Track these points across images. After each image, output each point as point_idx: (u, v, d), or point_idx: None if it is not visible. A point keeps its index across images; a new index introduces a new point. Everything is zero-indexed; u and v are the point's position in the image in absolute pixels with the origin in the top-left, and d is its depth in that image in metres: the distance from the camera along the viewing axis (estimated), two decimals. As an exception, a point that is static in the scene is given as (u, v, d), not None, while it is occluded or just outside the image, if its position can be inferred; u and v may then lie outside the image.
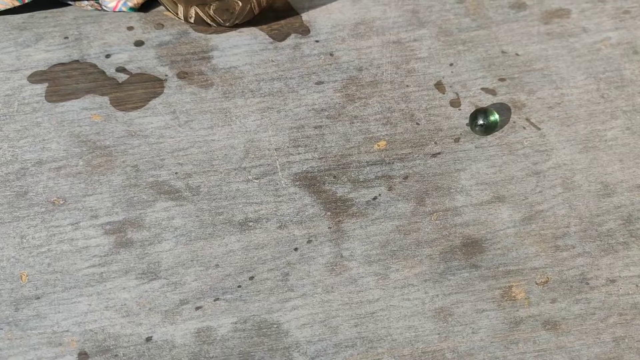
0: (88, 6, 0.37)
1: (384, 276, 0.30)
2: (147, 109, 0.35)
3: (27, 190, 0.32)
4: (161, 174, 0.33)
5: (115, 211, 0.31)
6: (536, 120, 0.37)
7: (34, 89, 0.35)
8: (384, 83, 0.37)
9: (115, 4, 0.37)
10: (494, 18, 0.41)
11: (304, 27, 0.39)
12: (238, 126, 0.35)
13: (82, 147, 0.33)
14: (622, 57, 0.40)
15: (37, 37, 0.37)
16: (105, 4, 0.37)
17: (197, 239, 0.31)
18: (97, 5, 0.37)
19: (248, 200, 0.32)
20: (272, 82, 0.37)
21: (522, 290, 0.31)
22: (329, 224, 0.32)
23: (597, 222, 0.33)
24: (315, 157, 0.34)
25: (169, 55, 0.37)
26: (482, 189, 0.34)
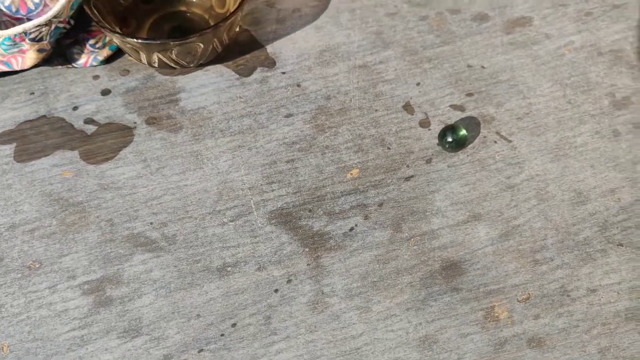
0: (58, 66, 0.37)
1: (366, 309, 0.30)
2: (118, 159, 0.34)
3: (2, 257, 0.31)
4: (136, 225, 0.32)
5: (93, 269, 0.31)
6: (506, 133, 0.36)
7: (3, 150, 0.34)
8: (353, 109, 0.37)
9: (86, 60, 0.37)
10: (457, 32, 0.41)
11: (269, 59, 0.39)
12: (210, 168, 0.34)
13: (54, 206, 0.33)
14: (586, 60, 0.40)
15: (2, 95, 0.36)
16: (75, 62, 0.37)
17: (176, 290, 0.30)
18: (68, 64, 0.37)
19: (225, 245, 0.32)
20: (241, 119, 0.36)
21: (504, 309, 0.30)
22: (308, 260, 0.31)
23: (574, 231, 0.33)
24: (290, 193, 0.34)
25: (137, 102, 0.37)
26: (457, 209, 0.33)
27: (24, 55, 0.34)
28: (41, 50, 0.34)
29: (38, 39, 0.33)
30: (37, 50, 0.34)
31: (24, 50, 0.34)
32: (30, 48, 0.33)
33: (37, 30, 0.33)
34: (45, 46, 0.34)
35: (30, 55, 0.34)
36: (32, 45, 0.33)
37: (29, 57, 0.34)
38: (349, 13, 0.41)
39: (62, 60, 0.37)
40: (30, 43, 0.33)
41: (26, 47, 0.33)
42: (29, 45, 0.33)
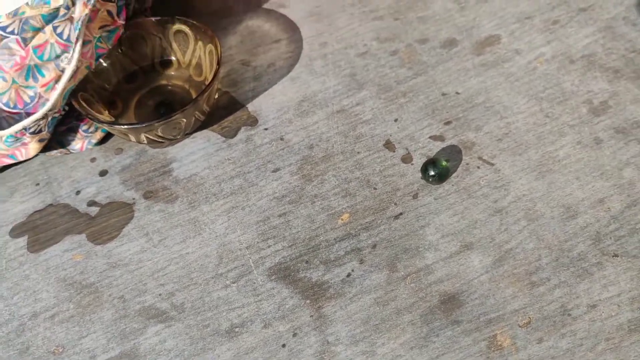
0: (57, 153, 0.39)
1: (371, 353, 0.31)
2: (122, 236, 0.36)
3: (29, 346, 0.33)
4: (146, 299, 0.34)
5: (111, 346, 0.32)
6: (488, 157, 0.37)
7: (18, 242, 0.37)
8: (336, 155, 0.38)
9: (81, 145, 0.39)
10: (428, 62, 0.41)
11: (251, 117, 0.40)
12: (208, 233, 0.36)
13: (70, 290, 0.35)
14: (559, 71, 0.40)
15: (11, 190, 0.39)
16: (72, 148, 0.39)
17: (190, 357, 0.32)
18: (65, 151, 0.39)
19: (230, 306, 0.33)
20: (232, 180, 0.38)
21: (507, 336, 0.31)
22: (310, 312, 0.32)
23: (567, 247, 0.33)
24: (285, 246, 0.35)
25: (133, 178, 0.39)
26: (449, 241, 0.34)
27: (27, 147, 0.36)
28: (42, 140, 0.36)
29: (37, 131, 0.35)
30: (38, 141, 0.36)
31: (26, 142, 0.36)
32: (31, 140, 0.36)
33: (35, 124, 0.35)
34: (45, 136, 0.37)
35: (33, 146, 0.36)
36: (33, 137, 0.36)
37: (32, 148, 0.37)
38: (321, 59, 0.42)
39: (60, 147, 0.39)
40: (31, 136, 0.35)
41: (27, 140, 0.36)
42: (30, 137, 0.36)
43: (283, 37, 0.43)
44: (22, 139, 0.35)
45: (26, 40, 0.36)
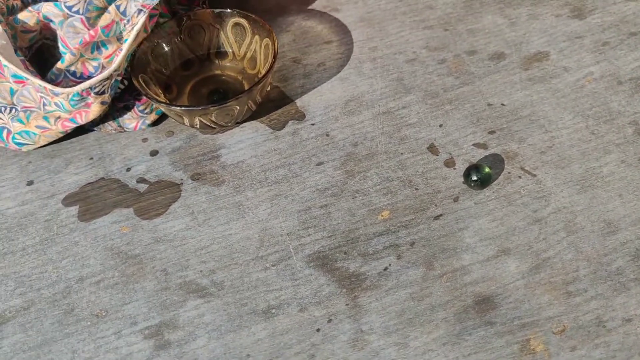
0: (112, 130, 0.42)
1: (404, 345, 0.32)
2: (169, 213, 0.39)
3: (73, 307, 0.35)
4: (188, 274, 0.36)
5: (152, 315, 0.35)
6: (530, 168, 0.38)
7: (70, 211, 0.40)
8: (380, 154, 0.40)
9: (135, 124, 0.42)
10: (475, 73, 0.43)
11: (299, 112, 0.43)
12: (251, 217, 0.38)
13: (116, 259, 0.37)
14: (607, 90, 0.41)
15: (66, 162, 0.42)
16: (126, 126, 0.42)
17: (227, 332, 0.34)
18: (120, 129, 0.42)
19: (268, 288, 0.35)
20: (276, 170, 0.40)
21: (540, 341, 0.32)
22: (346, 300, 0.34)
23: (606, 261, 0.34)
24: (325, 236, 0.37)
25: (182, 160, 0.41)
26: (486, 245, 0.35)
27: (88, 110, 0.39)
28: (103, 102, 0.39)
29: (101, 92, 0.38)
30: (100, 103, 0.39)
31: (89, 103, 0.39)
32: (94, 101, 0.38)
33: (100, 84, 0.38)
34: (107, 99, 0.39)
35: (94, 108, 0.39)
36: (96, 98, 0.38)
37: (93, 110, 0.39)
38: (370, 63, 0.45)
39: (116, 124, 0.42)
40: (95, 96, 0.38)
41: (91, 101, 0.38)
42: (94, 98, 0.38)
43: (334, 39, 0.46)
44: (86, 98, 0.38)
45: (90, 20, 0.39)
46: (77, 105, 0.38)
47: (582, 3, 0.46)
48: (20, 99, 0.39)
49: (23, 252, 0.38)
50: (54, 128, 0.39)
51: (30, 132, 0.40)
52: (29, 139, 0.40)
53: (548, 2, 0.47)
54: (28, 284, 0.36)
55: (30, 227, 0.39)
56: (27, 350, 0.34)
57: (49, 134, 0.40)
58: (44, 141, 0.41)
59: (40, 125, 0.39)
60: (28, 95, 0.39)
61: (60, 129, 0.40)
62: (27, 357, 0.34)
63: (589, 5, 0.46)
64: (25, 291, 0.36)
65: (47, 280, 0.36)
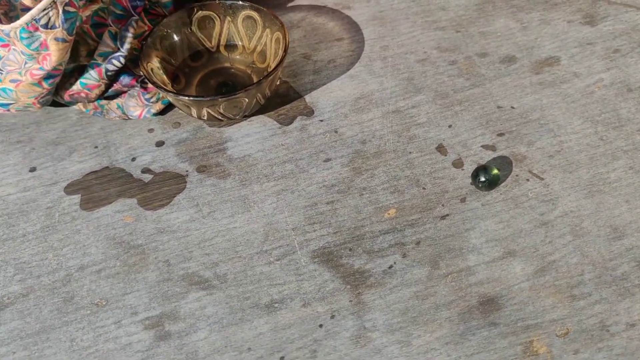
0: (116, 117, 0.44)
1: (406, 343, 0.34)
2: (173, 205, 0.40)
3: (73, 295, 0.36)
4: (190, 265, 0.37)
5: (153, 306, 0.36)
6: (538, 171, 0.40)
7: (72, 199, 0.41)
8: (388, 152, 0.41)
9: (140, 112, 0.43)
10: (486, 75, 0.45)
11: (308, 108, 0.44)
12: (256, 211, 0.39)
13: (118, 249, 0.38)
14: (616, 97, 0.43)
15: (70, 150, 0.43)
16: (131, 114, 0.43)
17: (228, 325, 0.35)
18: (124, 116, 0.44)
19: (272, 282, 0.36)
20: (283, 164, 0.41)
21: (543, 344, 0.33)
22: (350, 297, 0.35)
23: (611, 266, 0.35)
24: (330, 232, 0.38)
25: (188, 152, 0.43)
26: (492, 246, 0.37)
27: (49, 52, 0.38)
28: (59, 39, 0.38)
29: (51, 26, 0.37)
30: (55, 40, 0.38)
31: (44, 42, 0.37)
32: (47, 37, 0.37)
33: (44, 14, 0.37)
34: (62, 35, 0.38)
35: (53, 48, 0.38)
36: (48, 34, 0.37)
37: (53, 52, 0.38)
38: (381, 61, 0.46)
39: (120, 111, 0.44)
40: (45, 31, 0.37)
41: (44, 37, 0.37)
42: (45, 33, 0.37)
43: (345, 36, 0.48)
44: (37, 35, 0.37)
45: None
46: (32, 45, 0.37)
47: (594, 10, 0.48)
48: (5, 63, 0.39)
49: (23, 239, 0.39)
50: (24, 79, 0.39)
51: (6, 88, 0.40)
52: (8, 97, 0.40)
53: (560, 8, 0.49)
54: (28, 271, 0.37)
55: (31, 214, 0.40)
56: (24, 337, 0.35)
57: (22, 87, 0.40)
58: (24, 97, 0.40)
59: (13, 79, 0.40)
60: (13, 59, 0.39)
61: (30, 79, 0.39)
62: (25, 344, 0.35)
63: (600, 13, 0.48)
64: (25, 278, 0.37)
65: (47, 267, 0.38)
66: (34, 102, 0.41)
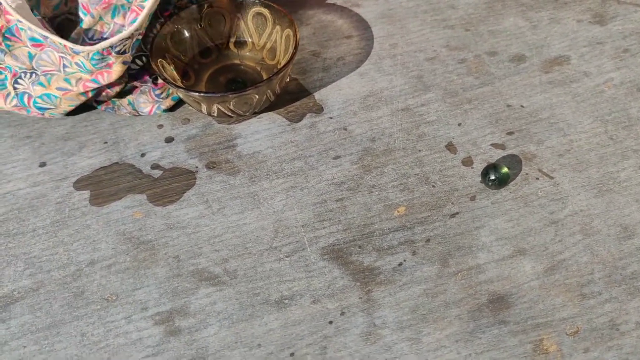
0: (127, 114, 0.44)
1: (416, 340, 0.34)
2: (182, 201, 0.40)
3: (84, 290, 0.37)
4: (200, 261, 0.37)
5: (163, 302, 0.36)
6: (548, 170, 0.40)
7: (82, 194, 0.41)
8: (397, 150, 0.41)
9: (150, 108, 0.43)
10: (496, 74, 0.45)
11: (317, 105, 0.44)
12: (266, 208, 0.39)
13: (127, 244, 0.38)
14: (626, 97, 0.43)
15: (80, 145, 0.43)
16: (141, 110, 0.44)
17: (238, 321, 0.35)
18: (135, 112, 0.44)
19: (281, 279, 0.36)
20: (293, 162, 0.41)
21: (553, 342, 0.33)
22: (360, 294, 0.35)
23: (621, 265, 0.35)
24: (340, 230, 0.38)
25: (197, 148, 0.43)
26: (502, 244, 0.37)
27: (110, 70, 0.40)
28: (125, 62, 0.40)
29: (122, 52, 0.39)
30: (122, 63, 0.40)
31: (110, 64, 0.39)
32: (115, 60, 0.39)
33: (122, 43, 0.39)
34: (128, 59, 0.40)
35: (116, 69, 0.40)
36: (117, 58, 0.39)
37: (115, 71, 0.40)
38: (390, 59, 0.46)
39: (131, 107, 0.44)
40: (116, 56, 0.39)
41: (112, 60, 0.39)
42: (115, 58, 0.39)
43: (354, 34, 0.48)
44: (107, 58, 0.39)
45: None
46: (98, 64, 0.39)
47: (603, 10, 0.48)
48: (39, 63, 0.40)
49: (34, 234, 0.39)
50: (75, 89, 0.40)
51: (51, 94, 0.41)
52: (50, 103, 0.41)
53: (570, 7, 0.49)
54: (38, 265, 0.38)
55: (41, 209, 0.40)
56: (35, 331, 0.35)
57: (69, 96, 0.41)
58: (65, 105, 0.42)
59: (61, 87, 0.40)
60: (47, 59, 0.40)
61: (82, 90, 0.40)
62: (35, 339, 0.35)
63: (610, 12, 0.48)
64: (35, 272, 0.37)
65: (58, 262, 0.38)
66: (70, 109, 0.42)
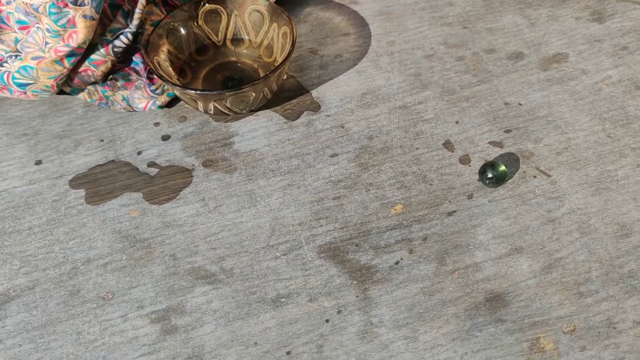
0: (121, 109, 0.43)
1: (413, 339, 0.33)
2: (179, 199, 0.40)
3: (80, 289, 0.36)
4: (197, 260, 0.37)
5: (159, 300, 0.36)
6: (545, 168, 0.40)
7: (78, 192, 0.41)
8: (395, 148, 0.41)
9: (145, 104, 0.43)
10: (493, 71, 0.45)
11: (314, 103, 0.44)
12: (263, 206, 0.39)
13: (124, 242, 0.38)
14: (624, 95, 0.43)
15: (76, 143, 0.43)
16: (136, 105, 0.43)
17: (235, 320, 0.35)
18: (129, 108, 0.43)
19: (278, 277, 0.36)
20: (290, 159, 0.41)
21: (550, 340, 0.33)
22: (356, 292, 0.35)
23: (618, 264, 0.35)
24: (337, 228, 0.38)
25: (194, 146, 0.42)
26: (499, 242, 0.37)
27: (76, 30, 0.38)
28: (87, 17, 0.38)
29: (80, 3, 0.37)
30: (84, 17, 0.38)
31: (72, 19, 0.38)
32: (76, 14, 0.38)
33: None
34: (89, 12, 0.38)
35: (81, 26, 0.38)
36: (77, 10, 0.38)
37: (80, 29, 0.38)
38: (387, 57, 0.46)
39: (126, 104, 0.43)
40: (74, 7, 0.37)
41: (72, 14, 0.38)
42: (74, 10, 0.37)
43: (352, 31, 0.47)
44: (66, 11, 0.37)
45: None
46: (59, 21, 0.37)
47: (602, 7, 0.48)
48: (24, 45, 0.39)
49: (29, 232, 0.39)
50: (47, 55, 0.39)
51: (27, 66, 0.40)
52: (29, 76, 0.40)
53: (568, 5, 0.48)
54: (34, 264, 0.37)
55: (37, 207, 0.40)
56: (30, 330, 0.35)
57: (44, 65, 0.40)
58: (43, 78, 0.40)
59: (35, 56, 0.40)
60: (32, 41, 0.39)
61: (54, 57, 0.39)
62: (31, 337, 0.35)
63: (609, 10, 0.48)
64: (31, 270, 0.37)
65: (53, 260, 0.37)
66: (53, 85, 0.41)
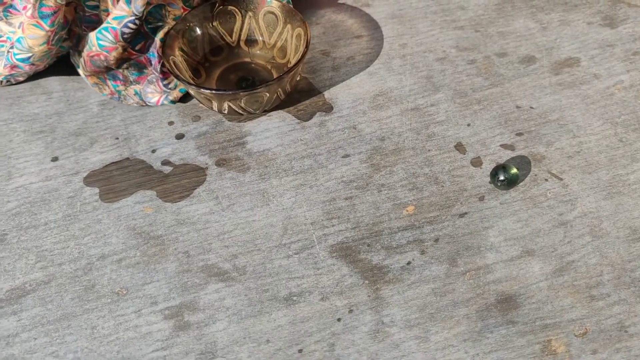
0: (134, 104, 0.44)
1: (424, 339, 0.33)
2: (193, 197, 0.40)
3: (94, 284, 0.36)
4: (210, 257, 0.37)
5: (172, 296, 0.36)
6: (557, 171, 0.39)
7: (93, 189, 0.41)
8: (407, 150, 0.41)
9: (158, 99, 0.43)
10: (505, 75, 0.45)
11: (327, 104, 0.44)
12: (275, 205, 0.39)
13: (138, 239, 0.38)
14: (636, 99, 0.42)
15: (91, 140, 0.43)
16: (148, 100, 0.43)
17: (247, 317, 0.35)
18: (142, 102, 0.44)
19: (290, 275, 0.36)
20: (302, 160, 0.41)
21: (561, 343, 0.33)
22: (368, 292, 0.35)
23: (630, 268, 0.35)
24: (349, 228, 0.38)
25: (208, 145, 0.42)
26: (511, 245, 0.36)
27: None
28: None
29: None
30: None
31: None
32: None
33: None
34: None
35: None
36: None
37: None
38: (400, 59, 0.46)
39: (138, 98, 0.43)
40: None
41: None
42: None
43: (364, 34, 0.47)
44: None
45: None
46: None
47: (614, 12, 0.48)
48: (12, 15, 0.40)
49: (45, 227, 0.39)
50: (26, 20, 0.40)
51: (19, 38, 0.41)
52: (23, 48, 0.41)
53: (580, 10, 0.48)
54: (49, 259, 0.38)
55: (53, 203, 0.40)
56: (45, 324, 0.35)
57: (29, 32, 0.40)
58: (34, 46, 0.41)
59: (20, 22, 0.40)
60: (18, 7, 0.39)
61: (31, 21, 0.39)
62: (46, 331, 0.35)
63: (620, 15, 0.47)
64: (47, 265, 0.37)
65: (69, 255, 0.38)
66: (51, 48, 0.41)
